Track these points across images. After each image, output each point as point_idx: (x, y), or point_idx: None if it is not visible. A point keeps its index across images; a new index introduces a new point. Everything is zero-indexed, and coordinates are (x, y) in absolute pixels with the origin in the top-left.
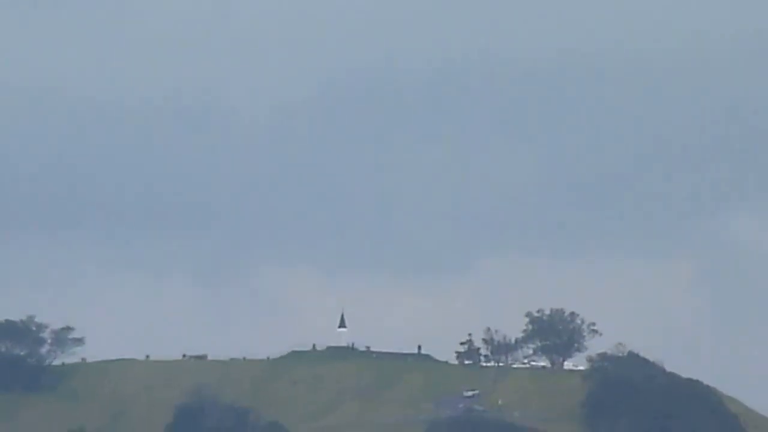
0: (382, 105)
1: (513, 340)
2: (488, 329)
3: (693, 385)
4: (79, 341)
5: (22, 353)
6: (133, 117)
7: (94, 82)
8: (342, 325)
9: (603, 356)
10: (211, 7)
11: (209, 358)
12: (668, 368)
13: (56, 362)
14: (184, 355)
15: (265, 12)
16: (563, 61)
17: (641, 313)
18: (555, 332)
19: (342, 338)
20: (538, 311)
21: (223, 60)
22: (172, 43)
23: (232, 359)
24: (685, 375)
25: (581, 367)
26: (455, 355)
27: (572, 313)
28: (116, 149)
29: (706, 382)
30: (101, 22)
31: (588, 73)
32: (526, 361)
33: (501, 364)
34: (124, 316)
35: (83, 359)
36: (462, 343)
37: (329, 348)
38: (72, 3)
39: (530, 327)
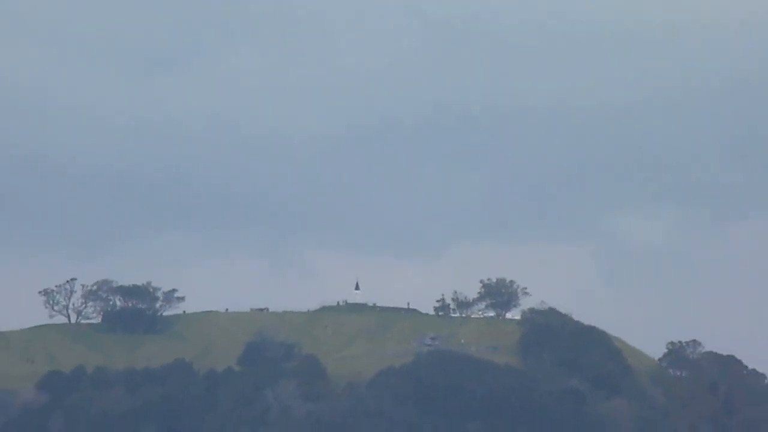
0: (391, 138)
1: (471, 299)
2: (455, 292)
3: (591, 329)
4: (181, 299)
5: (143, 307)
6: (222, 144)
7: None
8: (357, 288)
9: (532, 310)
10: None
11: (269, 310)
12: (575, 318)
13: (166, 314)
14: (251, 309)
15: (314, 74)
16: (503, 113)
17: (558, 280)
18: (500, 294)
19: (358, 298)
20: (488, 279)
21: (286, 103)
22: (254, 89)
23: (284, 311)
24: (586, 323)
25: (517, 317)
26: (433, 309)
27: (511, 281)
28: (202, 167)
29: (600, 327)
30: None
31: (526, 119)
32: (480, 313)
33: (464, 315)
34: (211, 282)
35: (184, 311)
36: (437, 301)
37: (348, 304)
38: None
39: (483, 290)
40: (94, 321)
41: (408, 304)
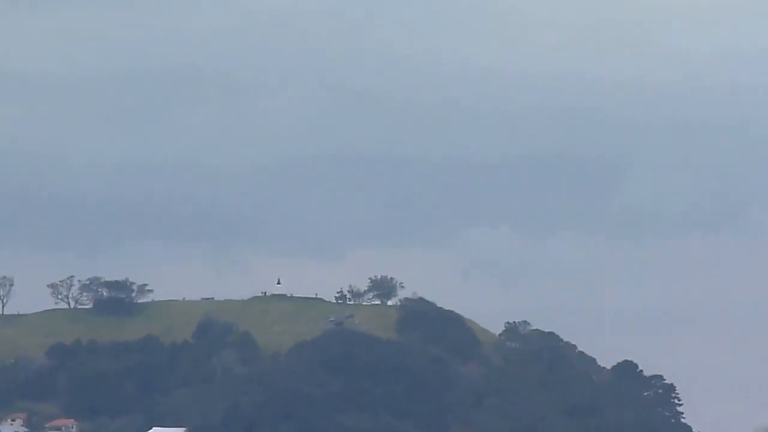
0: (306, 169)
1: (362, 291)
2: (350, 285)
3: (450, 313)
4: (150, 291)
5: (123, 297)
6: (183, 176)
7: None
8: (279, 282)
9: (406, 299)
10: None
11: (214, 299)
12: (438, 305)
13: (139, 302)
14: (201, 298)
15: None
16: (388, 157)
17: (426, 277)
18: (383, 287)
19: (279, 290)
20: (375, 276)
21: (225, 143)
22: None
23: (225, 299)
24: (446, 308)
25: (396, 304)
26: (335, 298)
27: (392, 278)
28: (168, 195)
29: (456, 311)
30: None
31: (395, 163)
32: (369, 301)
33: (357, 303)
34: (172, 278)
35: (152, 300)
36: (338, 292)
37: (272, 295)
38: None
39: (371, 284)
40: (87, 307)
41: (316, 294)
